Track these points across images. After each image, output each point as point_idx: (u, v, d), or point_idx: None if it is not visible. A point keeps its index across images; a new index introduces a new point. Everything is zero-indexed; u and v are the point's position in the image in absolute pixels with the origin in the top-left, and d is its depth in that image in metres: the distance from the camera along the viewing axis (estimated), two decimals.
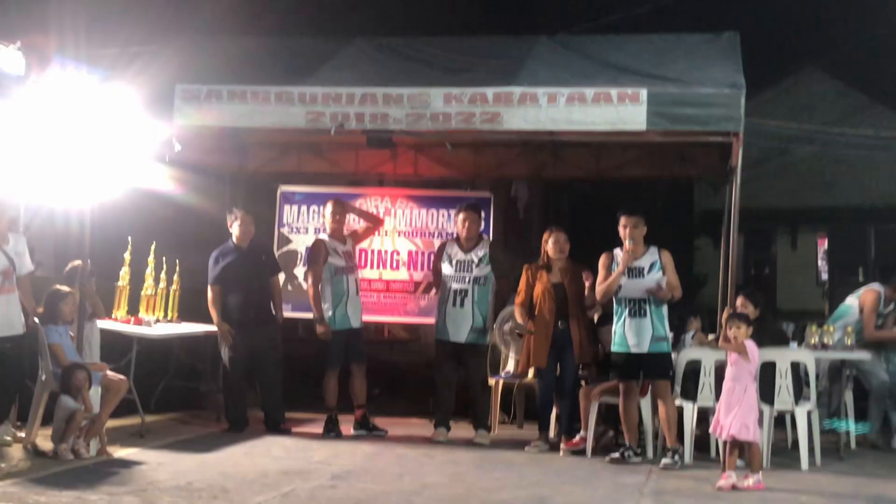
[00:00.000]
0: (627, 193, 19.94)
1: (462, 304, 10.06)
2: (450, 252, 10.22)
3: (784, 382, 9.06)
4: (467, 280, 10.05)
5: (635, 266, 9.03)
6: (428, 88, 8.74)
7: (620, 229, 9.11)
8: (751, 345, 8.20)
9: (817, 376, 9.64)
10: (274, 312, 10.47)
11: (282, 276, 10.87)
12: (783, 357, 9.11)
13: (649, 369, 9.01)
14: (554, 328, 9.66)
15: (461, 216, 10.22)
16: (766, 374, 8.95)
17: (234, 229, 10.35)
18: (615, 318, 9.16)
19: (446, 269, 10.19)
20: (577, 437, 9.57)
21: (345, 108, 8.81)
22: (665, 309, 9.03)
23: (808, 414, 9.11)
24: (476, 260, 10.16)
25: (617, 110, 8.39)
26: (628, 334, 9.00)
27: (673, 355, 9.28)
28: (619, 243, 9.16)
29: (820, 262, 25.85)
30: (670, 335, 9.14)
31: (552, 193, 20.96)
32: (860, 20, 21.74)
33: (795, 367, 9.19)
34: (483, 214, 10.64)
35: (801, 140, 21.28)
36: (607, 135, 8.75)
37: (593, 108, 8.43)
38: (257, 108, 8.95)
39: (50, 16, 10.22)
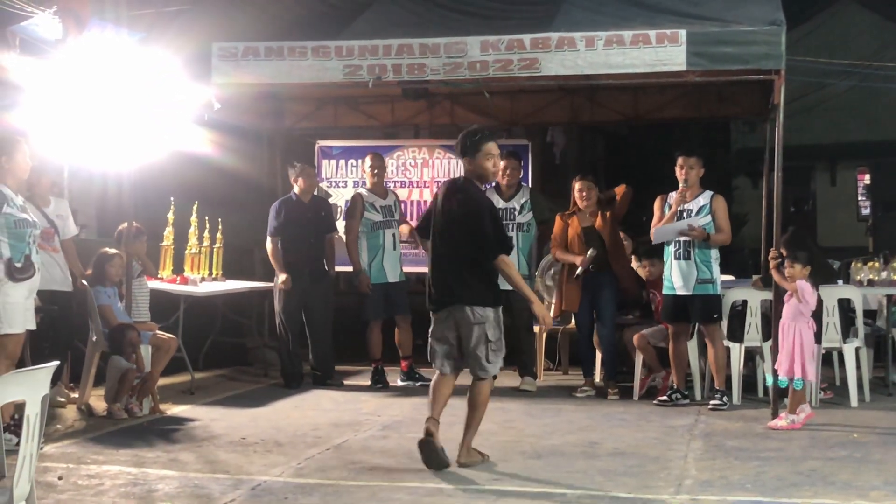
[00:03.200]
0: (662, 134, 19.88)
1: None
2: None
3: (831, 320, 9.03)
4: (511, 228, 10.00)
5: (685, 208, 9.02)
6: (464, 37, 8.65)
7: (677, 170, 9.06)
8: (804, 285, 8.14)
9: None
10: (327, 268, 10.51)
11: (340, 235, 10.81)
12: (830, 294, 9.05)
13: (696, 312, 8.99)
14: (586, 271, 9.66)
15: (502, 164, 10.17)
16: (815, 312, 8.92)
17: (297, 183, 10.36)
18: (665, 261, 9.16)
19: None
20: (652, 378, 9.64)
21: (382, 60, 8.74)
22: (713, 252, 8.97)
23: (857, 351, 9.07)
24: (518, 207, 10.16)
25: (656, 52, 8.28)
26: (674, 277, 9.00)
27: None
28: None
29: (860, 197, 25.64)
30: (719, 277, 9.07)
31: (588, 137, 20.85)
32: None
33: (842, 303, 9.15)
34: (522, 161, 10.61)
35: (837, 74, 21.03)
36: (646, 76, 8.65)
37: (632, 50, 8.32)
38: (295, 64, 8.91)
39: None
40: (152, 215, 10.36)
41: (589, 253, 9.53)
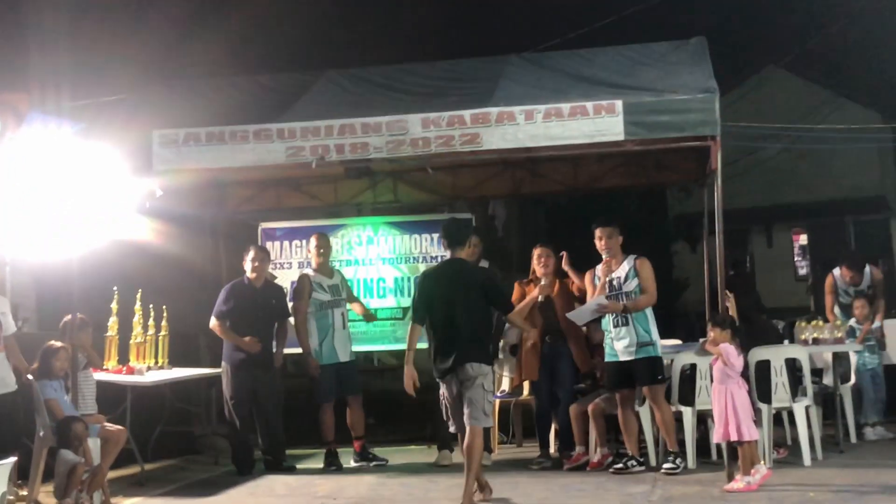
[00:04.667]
0: (601, 204, 20.08)
1: None
2: None
3: (780, 380, 9.11)
4: None
5: (613, 278, 9.13)
6: (405, 115, 8.77)
7: (596, 242, 9.20)
8: (727, 348, 8.23)
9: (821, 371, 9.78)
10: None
11: (291, 320, 10.59)
12: (777, 354, 9.15)
13: (639, 375, 9.03)
14: (543, 342, 9.69)
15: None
16: (763, 373, 9.01)
17: (248, 266, 10.28)
18: (604, 330, 9.23)
19: None
20: (575, 454, 9.55)
21: (324, 140, 8.82)
22: (649, 313, 9.07)
23: (807, 409, 9.16)
24: None
25: (594, 122, 8.44)
26: (615, 343, 9.07)
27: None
28: (597, 253, 9.29)
29: (796, 258, 26.09)
30: (657, 339, 9.13)
31: (529, 209, 21.04)
32: (816, 17, 21.98)
33: (790, 363, 9.24)
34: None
35: (768, 138, 21.46)
36: (586, 147, 8.80)
37: (570, 122, 8.48)
38: (236, 148, 8.95)
39: (22, 73, 10.20)
40: (95, 306, 10.22)
41: (542, 283, 9.60)
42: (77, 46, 12.55)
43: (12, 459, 4.17)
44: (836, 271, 11.27)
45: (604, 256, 9.24)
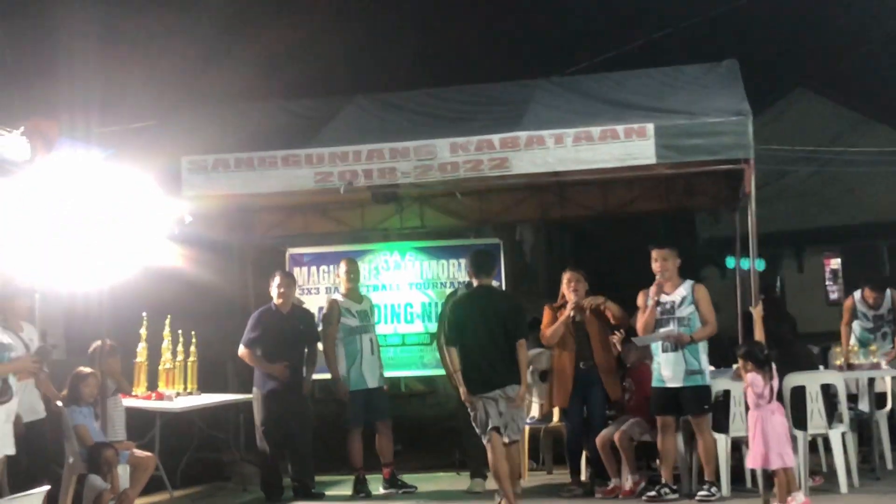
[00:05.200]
0: (629, 228, 19.99)
1: None
2: None
3: (815, 406, 8.97)
4: None
5: (667, 301, 8.97)
6: (433, 140, 8.73)
7: (652, 263, 9.06)
8: (753, 377, 8.13)
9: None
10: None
11: (319, 345, 10.55)
12: (812, 380, 9.02)
13: (686, 404, 8.89)
14: (576, 368, 9.59)
15: None
16: (798, 399, 8.88)
17: (274, 292, 10.25)
18: (654, 354, 9.10)
19: None
20: (610, 486, 9.41)
21: (352, 165, 8.79)
22: (701, 343, 8.92)
23: (843, 436, 9.01)
24: None
25: (625, 146, 8.37)
26: (663, 369, 8.93)
27: None
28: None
29: (828, 282, 25.85)
30: (708, 368, 9.00)
31: (555, 234, 20.96)
32: (846, 39, 21.90)
33: (826, 389, 9.10)
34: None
35: (798, 162, 21.34)
36: (617, 171, 8.72)
37: (601, 145, 8.42)
38: (265, 173, 8.94)
39: (52, 99, 10.24)
40: (124, 332, 10.20)
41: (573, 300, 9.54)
42: (105, 72, 12.61)
43: (45, 488, 4.12)
44: (857, 293, 11.25)
45: (657, 278, 9.08)
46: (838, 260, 25.87)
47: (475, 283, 9.00)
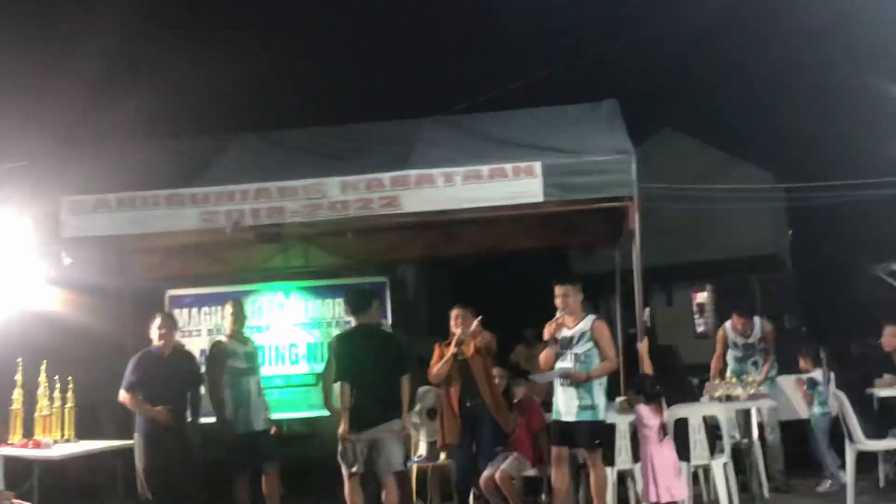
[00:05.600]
0: (508, 266, 20.22)
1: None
2: None
3: (698, 437, 9.16)
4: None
5: (567, 335, 8.98)
6: (324, 178, 8.72)
7: (556, 298, 9.06)
8: (641, 409, 8.26)
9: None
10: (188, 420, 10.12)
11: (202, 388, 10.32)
12: (694, 412, 9.22)
13: (578, 438, 8.92)
14: (461, 406, 9.62)
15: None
16: (681, 431, 9.05)
17: (154, 333, 9.97)
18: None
19: None
20: None
21: (239, 205, 8.72)
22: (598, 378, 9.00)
23: (724, 466, 9.21)
24: None
25: (513, 185, 8.50)
26: (559, 402, 8.95)
27: None
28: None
29: (695, 315, 26.54)
30: (600, 403, 9.05)
31: (439, 272, 21.05)
32: (713, 80, 22.65)
33: (705, 420, 9.31)
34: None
35: (668, 199, 21.83)
36: (505, 209, 8.82)
37: (489, 184, 8.52)
38: (149, 214, 8.80)
39: None
40: (2, 378, 9.86)
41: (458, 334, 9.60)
42: None
43: None
44: (728, 323, 11.52)
45: (557, 314, 9.09)
46: (705, 294, 26.56)
47: (353, 322, 9.19)
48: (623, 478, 9.64)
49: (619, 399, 9.93)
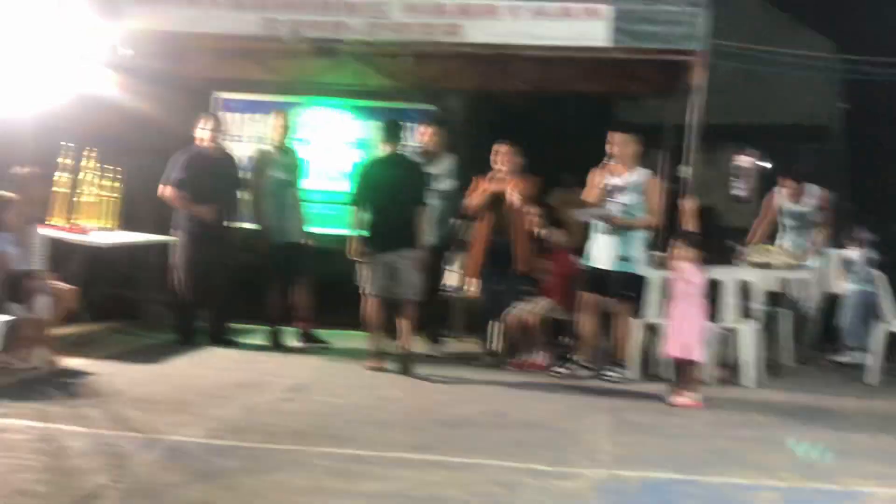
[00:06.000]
0: (553, 107, 19.94)
1: None
2: None
3: (730, 301, 9.21)
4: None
5: (613, 184, 8.96)
6: None
7: (608, 146, 9.01)
8: (690, 268, 8.26)
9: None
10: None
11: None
12: (729, 275, 9.24)
13: (611, 286, 9.01)
14: (491, 241, 9.67)
15: (425, 129, 10.28)
16: (712, 293, 9.08)
17: (204, 134, 9.99)
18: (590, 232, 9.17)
19: None
20: (519, 360, 9.57)
21: (301, 15, 8.62)
22: (639, 231, 9.00)
23: (753, 332, 9.27)
24: (439, 174, 10.06)
25: (579, 25, 8.35)
26: (594, 249, 9.00)
27: None
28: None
29: (731, 178, 26.30)
30: (638, 256, 9.05)
31: (485, 106, 20.77)
32: None
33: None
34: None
35: (724, 56, 21.38)
36: (568, 49, 8.67)
37: (556, 22, 8.40)
38: (211, 13, 8.72)
39: None
40: (47, 160, 9.91)
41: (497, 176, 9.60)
42: None
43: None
44: (777, 189, 11.19)
45: (605, 160, 9.05)
46: (745, 157, 26.23)
47: (385, 149, 9.35)
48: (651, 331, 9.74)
49: (657, 253, 9.98)
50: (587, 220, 9.16)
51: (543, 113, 20.42)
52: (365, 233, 9.14)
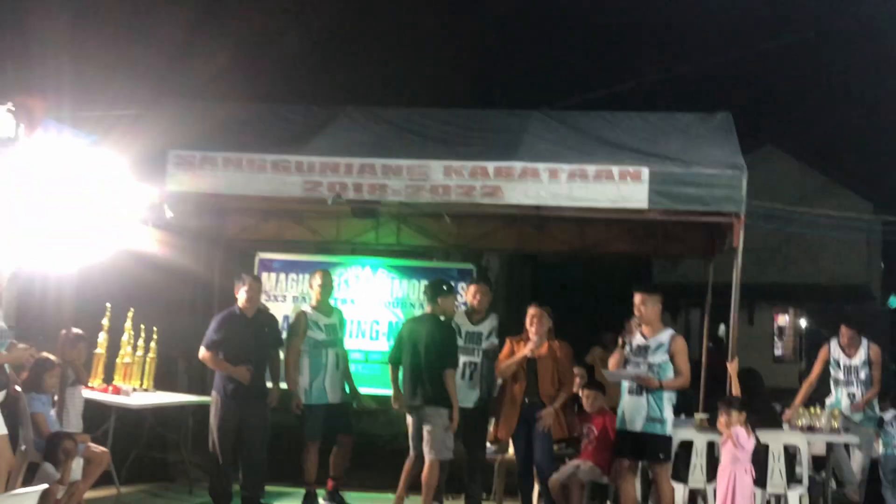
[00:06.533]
0: (592, 267, 20.07)
1: (471, 377, 9.85)
2: (459, 323, 9.96)
3: (777, 465, 8.99)
4: (476, 352, 9.86)
5: (642, 344, 8.92)
6: (427, 161, 8.67)
7: (634, 307, 8.99)
8: (739, 431, 8.12)
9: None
10: (269, 385, 10.19)
11: (281, 352, 10.42)
12: (776, 440, 9.04)
13: (643, 450, 8.85)
14: (522, 404, 9.55)
15: (472, 289, 10.10)
16: (758, 456, 8.88)
17: (241, 295, 10.01)
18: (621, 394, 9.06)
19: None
20: None
21: (343, 178, 8.71)
22: (667, 391, 8.87)
23: (800, 498, 9.03)
24: (486, 333, 10.01)
25: (619, 188, 8.38)
26: (625, 411, 8.88)
27: None
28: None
29: (775, 338, 26.11)
30: (671, 417, 8.95)
31: (522, 265, 20.96)
32: (820, 103, 22.21)
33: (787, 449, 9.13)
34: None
35: (762, 217, 21.49)
36: (607, 211, 8.70)
37: (595, 184, 8.42)
38: (253, 177, 8.83)
39: (36, 78, 10.03)
40: (92, 320, 9.98)
41: (533, 340, 9.47)
42: (86, 56, 12.40)
43: (42, 487, 3.98)
44: (833, 342, 11.05)
45: (633, 321, 9.03)
46: (787, 316, 26.10)
47: (427, 309, 9.72)
48: (694, 497, 9.50)
49: (698, 415, 9.80)
50: (618, 381, 9.05)
51: (583, 272, 20.57)
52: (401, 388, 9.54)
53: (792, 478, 9.15)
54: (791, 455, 9.24)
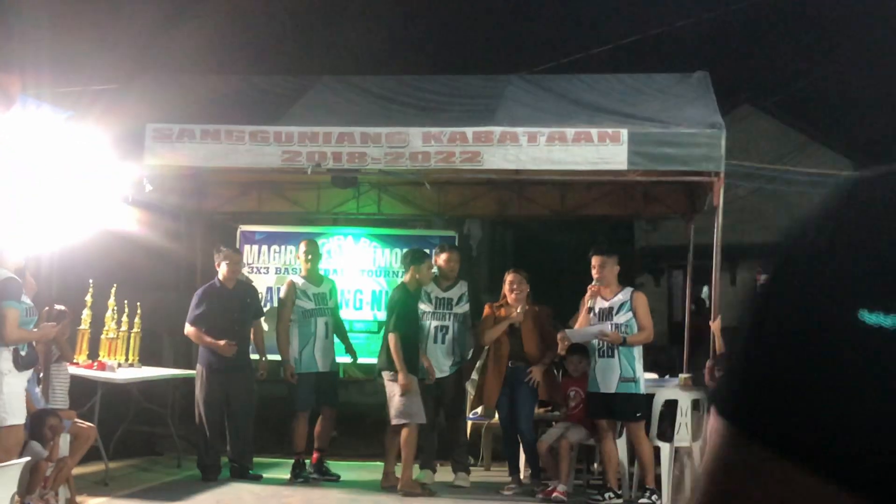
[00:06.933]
0: (572, 231, 20.04)
1: (443, 341, 9.91)
2: (428, 290, 10.04)
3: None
4: (447, 317, 9.91)
5: (605, 306, 8.97)
6: (406, 128, 8.65)
7: (592, 269, 9.04)
8: None
9: None
10: (258, 355, 10.20)
11: (264, 322, 10.50)
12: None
13: (619, 410, 8.91)
14: (506, 368, 9.58)
15: (444, 256, 10.06)
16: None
17: (221, 268, 10.03)
18: (590, 358, 9.11)
19: (425, 306, 9.97)
20: (550, 488, 9.38)
21: (321, 147, 8.68)
22: (636, 350, 8.93)
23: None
24: (455, 298, 10.02)
25: (597, 150, 8.37)
26: (597, 374, 8.93)
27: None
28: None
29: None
30: (643, 376, 9.02)
31: (503, 231, 20.95)
32: (799, 60, 22.20)
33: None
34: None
35: (740, 177, 21.50)
36: (586, 174, 8.72)
37: (574, 147, 8.41)
38: (232, 148, 8.79)
39: (13, 54, 9.94)
40: (74, 297, 9.94)
41: (517, 311, 9.46)
42: (62, 32, 12.30)
43: (25, 459, 4.00)
44: None
45: (592, 283, 9.10)
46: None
47: (405, 278, 9.74)
48: (680, 456, 9.56)
49: (682, 375, 9.88)
50: (581, 342, 9.10)
51: (563, 236, 20.56)
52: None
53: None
54: None
